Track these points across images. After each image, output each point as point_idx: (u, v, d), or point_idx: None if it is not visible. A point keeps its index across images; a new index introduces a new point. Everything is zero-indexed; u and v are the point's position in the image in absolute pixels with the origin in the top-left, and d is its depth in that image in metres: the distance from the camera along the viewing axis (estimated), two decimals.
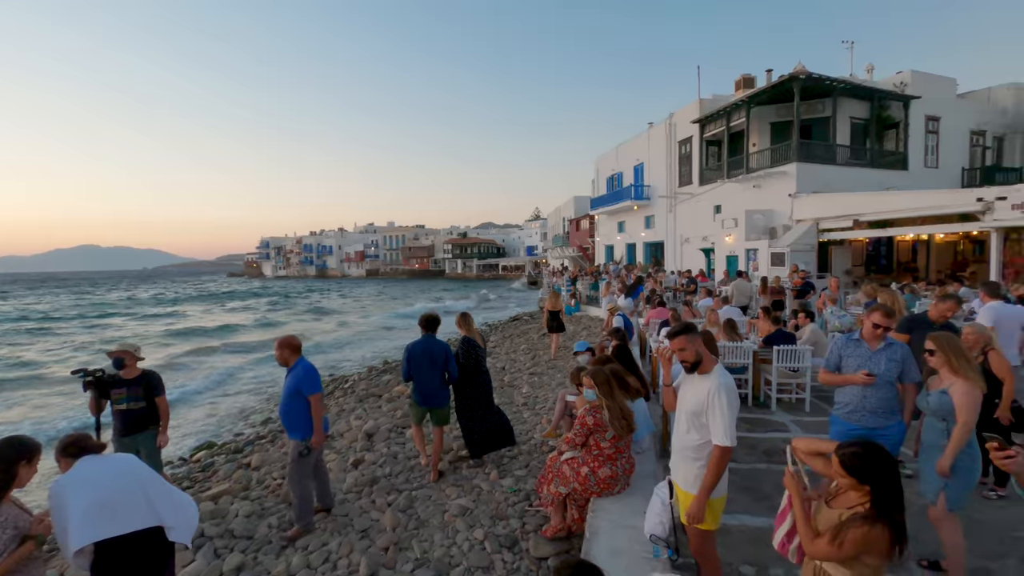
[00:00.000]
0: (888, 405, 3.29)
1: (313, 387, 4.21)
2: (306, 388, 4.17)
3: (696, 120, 21.48)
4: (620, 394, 3.73)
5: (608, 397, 3.66)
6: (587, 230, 39.01)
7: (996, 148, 21.73)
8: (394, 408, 8.44)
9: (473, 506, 4.63)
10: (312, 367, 4.31)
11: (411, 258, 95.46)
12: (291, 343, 4.33)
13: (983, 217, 12.39)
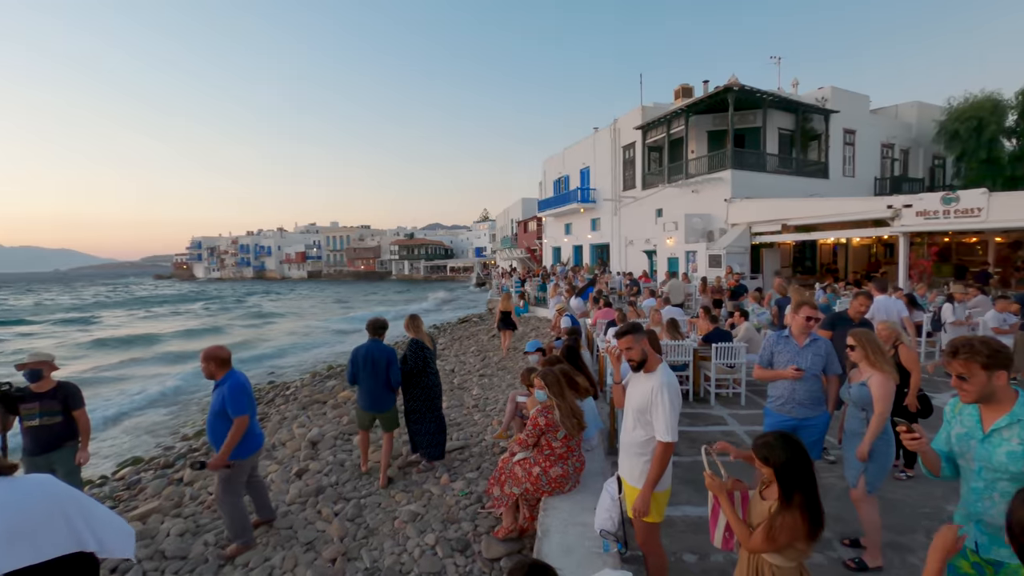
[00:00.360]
0: (814, 397, 3.55)
1: (239, 408, 3.84)
2: (232, 409, 3.82)
3: (639, 126, 22.24)
4: (570, 394, 3.81)
5: (559, 397, 3.73)
6: (535, 232, 39.45)
7: (903, 160, 23.92)
8: (340, 414, 8.19)
9: (424, 511, 4.57)
10: (241, 383, 3.93)
11: (356, 259, 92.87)
12: (218, 355, 3.97)
13: (892, 223, 13.59)
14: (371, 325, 5.34)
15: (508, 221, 51.42)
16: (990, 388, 1.96)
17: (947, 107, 21.79)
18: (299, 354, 19.72)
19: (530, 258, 39.28)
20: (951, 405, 2.22)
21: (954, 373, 2.03)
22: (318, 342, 22.82)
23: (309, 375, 13.87)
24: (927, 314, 9.74)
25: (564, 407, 3.69)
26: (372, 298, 50.41)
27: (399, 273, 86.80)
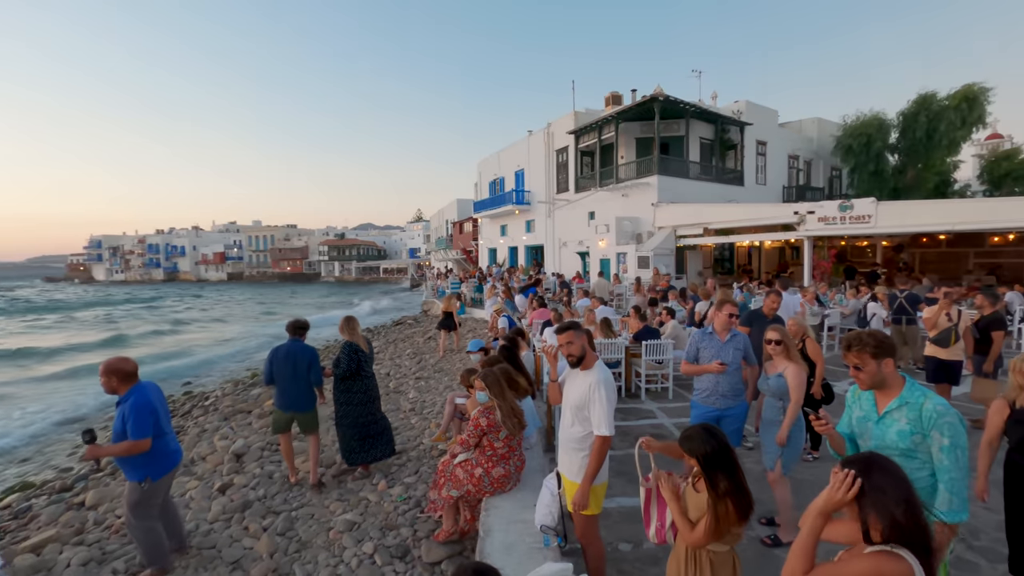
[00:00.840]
0: (736, 388, 3.83)
1: (141, 429, 3.44)
2: (134, 430, 3.42)
3: (571, 131, 22.83)
4: (511, 393, 3.85)
5: (499, 397, 3.75)
6: (470, 233, 39.35)
7: (807, 170, 26.26)
8: (267, 424, 7.75)
9: (361, 519, 4.44)
10: (146, 402, 3.52)
11: (281, 260, 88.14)
12: (120, 368, 3.55)
13: (798, 227, 14.88)
14: (291, 325, 5.28)
15: (443, 222, 50.94)
16: (881, 375, 2.22)
17: (842, 123, 24.21)
18: (219, 362, 18.43)
19: (466, 259, 39.13)
20: (852, 392, 2.48)
21: (850, 364, 2.29)
22: (240, 348, 21.41)
23: (231, 383, 13.02)
24: (830, 310, 10.76)
25: (504, 407, 3.73)
26: (300, 301, 48.06)
27: (329, 275, 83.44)
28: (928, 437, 2.08)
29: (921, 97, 22.24)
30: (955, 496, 2.01)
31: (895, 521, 1.45)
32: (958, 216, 13.05)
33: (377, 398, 5.53)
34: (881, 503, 1.48)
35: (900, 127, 23.02)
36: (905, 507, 1.47)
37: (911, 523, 1.46)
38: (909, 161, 23.36)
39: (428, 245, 65.35)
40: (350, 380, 5.21)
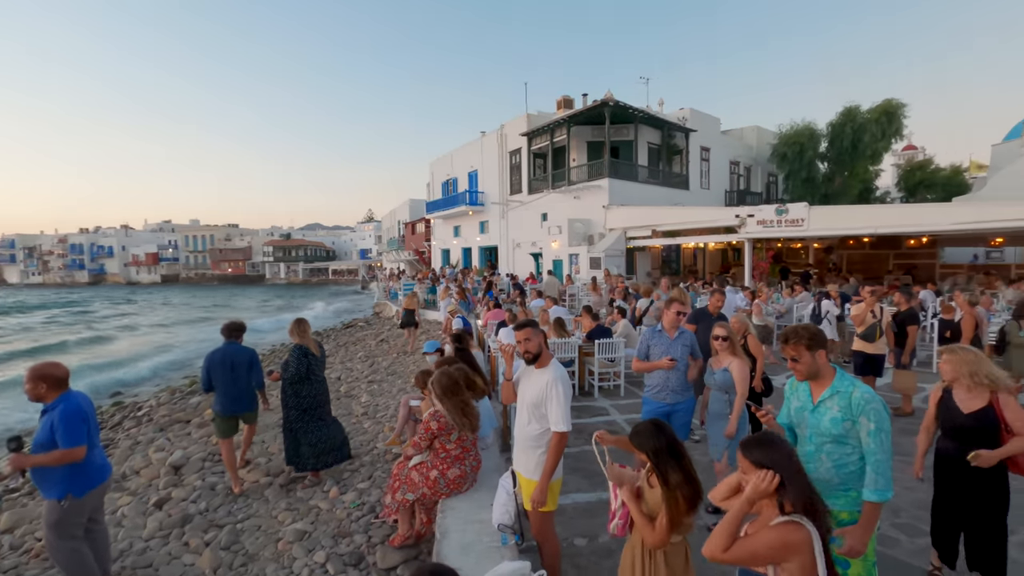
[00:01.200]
0: (684, 384, 3.99)
1: (73, 437, 3.15)
2: (64, 439, 3.13)
3: (524, 133, 23.02)
4: (466, 394, 3.82)
5: (447, 399, 3.70)
6: (423, 233, 38.89)
7: (746, 176, 27.67)
8: (208, 433, 7.36)
9: (312, 528, 4.30)
10: (76, 408, 3.24)
11: (222, 261, 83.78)
12: (51, 374, 3.27)
13: (739, 230, 15.64)
14: (226, 328, 5.19)
15: (395, 222, 50.07)
16: (815, 366, 2.38)
17: (778, 132, 25.71)
18: (153, 370, 17.29)
19: (419, 260, 38.64)
20: (789, 384, 2.64)
21: (788, 356, 2.44)
22: (178, 354, 20.18)
23: (167, 392, 12.25)
24: (769, 308, 11.38)
25: (453, 408, 3.68)
26: (242, 304, 45.84)
27: (274, 276, 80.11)
28: (857, 423, 2.25)
29: (847, 110, 23.96)
30: (881, 476, 2.18)
31: (809, 498, 1.71)
32: (879, 220, 14.14)
33: (327, 402, 5.38)
34: (796, 485, 1.73)
35: (829, 137, 24.70)
36: (807, 483, 1.75)
37: (814, 498, 1.72)
38: (837, 169, 25.10)
39: (380, 246, 64.04)
40: (299, 384, 5.04)
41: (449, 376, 3.77)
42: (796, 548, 1.65)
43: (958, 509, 2.99)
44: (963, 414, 2.87)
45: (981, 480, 2.83)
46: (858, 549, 2.21)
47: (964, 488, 2.92)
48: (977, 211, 12.69)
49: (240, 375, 5.06)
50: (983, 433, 2.80)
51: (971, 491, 2.89)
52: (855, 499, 2.29)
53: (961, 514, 2.97)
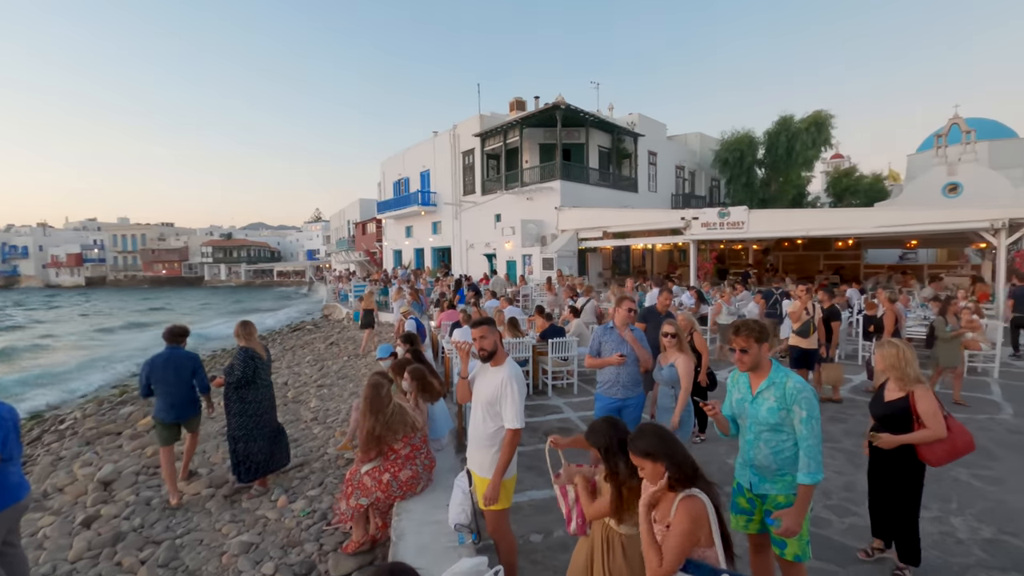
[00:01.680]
0: (634, 379, 4.12)
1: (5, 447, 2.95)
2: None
3: (477, 134, 23.01)
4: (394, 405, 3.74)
5: (371, 413, 3.62)
6: (374, 234, 38.08)
7: (691, 180, 28.83)
8: (142, 445, 6.90)
9: (259, 539, 4.13)
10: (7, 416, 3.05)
11: (155, 262, 78.60)
12: None
13: (685, 232, 16.28)
14: (169, 332, 5.03)
15: (344, 222, 48.75)
16: (759, 358, 2.54)
17: (720, 139, 26.95)
18: (75, 380, 15.98)
19: (370, 261, 37.80)
20: (731, 377, 2.79)
21: (737, 347, 2.58)
22: (105, 363, 18.77)
23: (93, 403, 11.38)
24: (712, 306, 11.90)
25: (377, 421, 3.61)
26: (181, 307, 43.17)
27: (214, 278, 75.99)
28: (791, 412, 2.41)
29: (782, 119, 25.43)
30: (812, 460, 2.35)
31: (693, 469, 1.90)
32: (811, 223, 15.11)
33: (274, 408, 5.20)
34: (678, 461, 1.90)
35: (766, 144, 26.14)
36: (688, 456, 1.93)
37: (697, 470, 1.92)
38: (773, 174, 26.60)
39: (328, 246, 62.14)
40: (245, 389, 4.83)
41: (375, 389, 3.68)
42: (702, 519, 1.80)
43: (877, 488, 3.27)
44: (884, 403, 3.15)
45: (895, 462, 3.10)
46: (793, 529, 2.37)
47: (880, 468, 3.22)
48: (894, 216, 13.81)
49: (183, 379, 4.93)
50: (895, 420, 3.08)
51: (887, 471, 3.18)
52: (790, 483, 2.45)
53: (880, 492, 3.25)
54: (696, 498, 1.85)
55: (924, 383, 3.06)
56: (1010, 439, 5.44)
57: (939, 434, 2.93)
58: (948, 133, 19.07)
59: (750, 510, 2.63)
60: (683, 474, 1.88)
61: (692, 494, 1.85)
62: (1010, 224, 11.04)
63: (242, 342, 4.88)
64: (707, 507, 1.84)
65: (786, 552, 2.47)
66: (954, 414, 5.83)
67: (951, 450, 2.96)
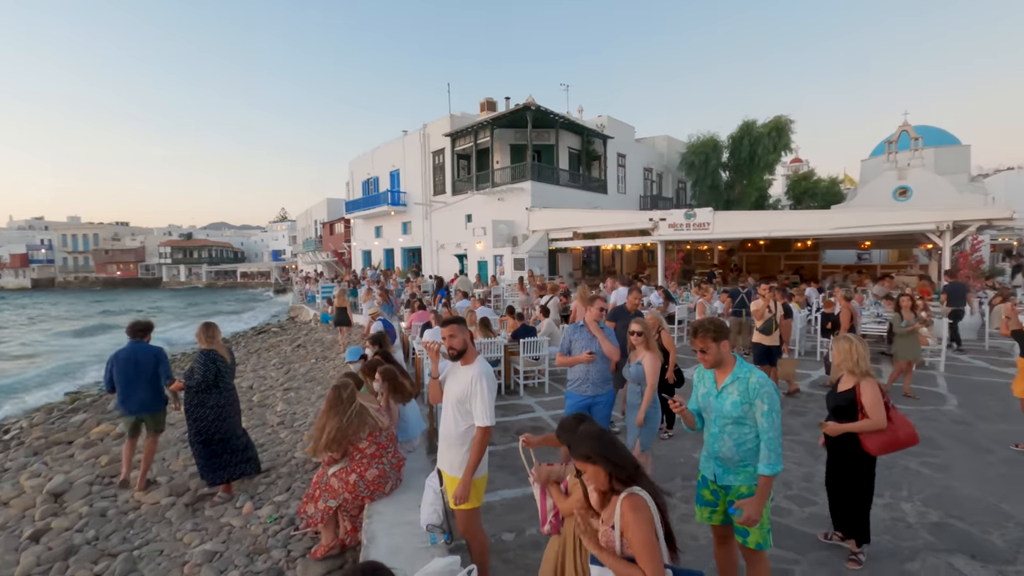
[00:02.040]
0: (604, 377, 4.18)
1: None
2: None
3: (448, 134, 22.89)
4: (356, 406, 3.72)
5: (331, 416, 3.60)
6: (342, 234, 37.40)
7: (659, 182, 29.42)
8: (96, 453, 6.59)
9: (223, 548, 4.00)
10: None
11: (109, 263, 75.04)
12: None
13: (653, 232, 16.61)
14: (131, 327, 5.12)
15: (311, 222, 47.71)
16: (720, 355, 2.62)
17: (687, 142, 27.60)
18: (20, 387, 15.13)
19: (338, 262, 37.10)
20: (697, 373, 2.87)
21: (697, 348, 2.66)
22: (53, 369, 17.80)
23: (41, 411, 10.78)
24: (679, 305, 12.18)
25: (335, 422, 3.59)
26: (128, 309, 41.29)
27: (173, 279, 73.10)
28: (753, 405, 2.50)
29: (745, 124, 26.23)
30: (772, 452, 2.44)
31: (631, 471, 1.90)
32: (772, 225, 15.65)
33: (238, 412, 5.06)
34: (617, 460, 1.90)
35: (730, 148, 26.91)
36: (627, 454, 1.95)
37: (638, 468, 1.94)
38: (737, 177, 27.40)
39: (295, 247, 60.68)
40: (206, 393, 4.69)
41: (336, 391, 3.66)
42: (648, 515, 1.82)
43: (832, 477, 3.45)
44: (836, 393, 3.34)
45: (845, 451, 3.30)
46: (754, 518, 2.46)
47: (833, 458, 3.43)
48: (849, 218, 14.45)
49: (145, 373, 4.96)
50: (844, 411, 3.28)
51: (839, 461, 3.37)
52: (752, 474, 2.54)
53: (834, 481, 3.44)
54: (637, 495, 1.86)
55: (872, 376, 3.23)
56: (955, 429, 5.76)
57: (878, 425, 3.12)
58: (898, 140, 20.08)
59: (714, 501, 2.71)
60: (624, 474, 1.89)
61: (632, 492, 1.87)
62: (954, 226, 11.70)
63: (204, 344, 4.73)
64: (649, 504, 1.85)
65: (748, 541, 2.56)
66: (903, 406, 6.14)
67: (891, 441, 3.14)
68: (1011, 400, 5.66)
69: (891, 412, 3.17)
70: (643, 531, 1.79)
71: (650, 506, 1.84)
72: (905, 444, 3.16)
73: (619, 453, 1.93)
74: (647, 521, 1.81)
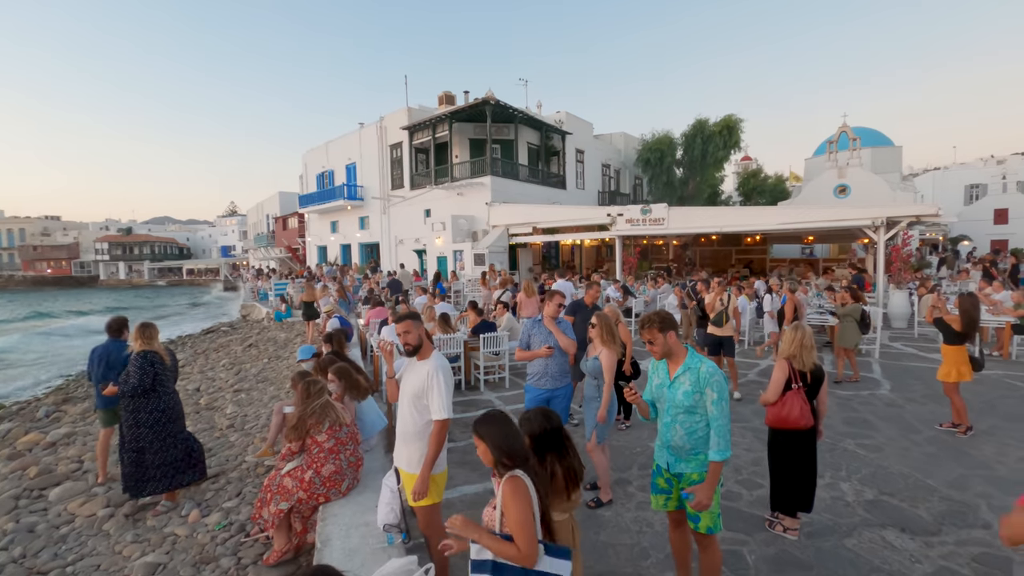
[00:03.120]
0: (562, 370, 4.22)
1: None
2: None
3: (405, 127, 22.48)
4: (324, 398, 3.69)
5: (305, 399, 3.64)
6: (296, 229, 36.20)
7: (616, 178, 29.94)
8: (23, 465, 6.12)
9: (167, 559, 3.80)
10: None
11: (38, 260, 69.81)
12: None
13: (611, 228, 16.89)
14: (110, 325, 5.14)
15: (263, 216, 45.92)
16: (667, 346, 2.69)
17: (643, 139, 28.19)
18: None
19: (291, 258, 35.90)
20: (652, 364, 2.93)
21: (645, 340, 2.73)
22: None
23: None
24: (637, 299, 12.46)
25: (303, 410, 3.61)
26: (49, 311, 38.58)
27: (111, 277, 68.73)
28: (703, 394, 2.58)
29: (697, 122, 27.02)
30: (721, 439, 2.53)
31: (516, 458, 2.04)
32: (724, 220, 16.22)
33: (180, 417, 4.73)
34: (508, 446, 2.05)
35: (684, 146, 27.68)
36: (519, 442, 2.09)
37: (528, 455, 2.10)
38: (691, 174, 28.22)
39: (245, 242, 58.26)
40: (142, 398, 4.38)
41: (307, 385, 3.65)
42: (526, 497, 1.94)
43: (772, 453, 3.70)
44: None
45: (785, 433, 3.56)
46: (704, 503, 2.54)
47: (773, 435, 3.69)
48: (794, 214, 15.14)
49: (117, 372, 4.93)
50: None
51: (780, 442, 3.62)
52: (703, 461, 2.62)
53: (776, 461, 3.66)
54: (517, 477, 1.97)
55: (786, 360, 3.55)
56: (888, 412, 6.16)
57: (768, 398, 3.55)
58: (838, 140, 21.20)
59: (668, 489, 2.78)
60: (507, 459, 2.02)
61: (514, 475, 1.98)
62: (887, 222, 12.45)
63: (141, 345, 4.43)
64: (529, 488, 1.96)
65: (700, 526, 2.64)
66: (844, 391, 6.50)
67: (778, 417, 3.51)
68: (936, 384, 6.08)
69: (790, 394, 3.48)
70: (519, 510, 1.90)
71: (530, 489, 1.95)
72: (794, 424, 3.47)
73: (506, 440, 2.05)
74: (524, 501, 1.92)
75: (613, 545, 3.50)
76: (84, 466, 5.96)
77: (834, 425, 5.68)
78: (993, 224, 31.05)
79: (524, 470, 2.02)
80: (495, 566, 1.93)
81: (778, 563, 3.26)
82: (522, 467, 2.03)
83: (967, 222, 30.82)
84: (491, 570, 1.93)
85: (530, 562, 1.90)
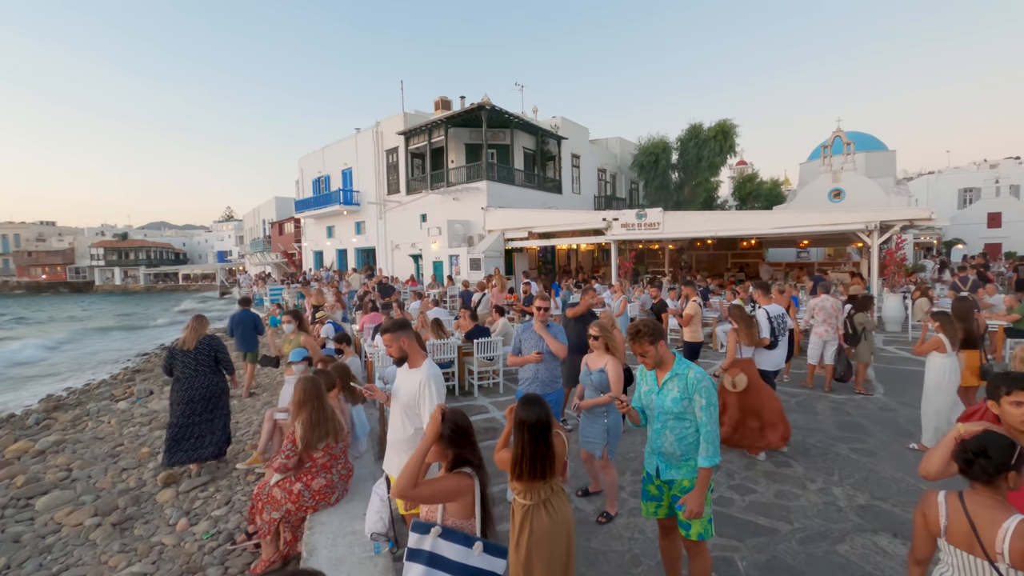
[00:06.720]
0: (553, 375, 4.20)
1: None
2: None
3: (401, 132, 22.50)
4: (324, 400, 3.62)
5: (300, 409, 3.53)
6: (292, 234, 36.14)
7: (612, 182, 30.01)
8: (11, 474, 6.05)
9: (153, 569, 3.76)
10: None
11: (33, 266, 69.47)
12: None
13: (607, 232, 16.91)
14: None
15: (259, 222, 45.83)
16: (659, 356, 2.67)
17: (638, 144, 28.28)
18: None
19: (288, 263, 35.82)
20: (640, 371, 2.91)
21: (637, 353, 2.70)
22: None
23: None
24: (632, 303, 12.44)
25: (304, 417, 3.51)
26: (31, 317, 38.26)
27: (107, 283, 68.37)
28: (692, 400, 2.56)
29: (692, 127, 27.14)
30: (710, 445, 2.51)
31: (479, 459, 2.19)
32: (719, 225, 16.25)
33: (199, 400, 5.20)
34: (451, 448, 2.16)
35: (679, 150, 27.79)
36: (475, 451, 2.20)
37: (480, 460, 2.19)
38: (686, 178, 28.33)
39: (242, 247, 58.13)
40: (174, 383, 5.19)
41: (312, 383, 3.56)
42: (463, 491, 2.09)
43: None
44: None
45: None
46: (696, 511, 2.52)
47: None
48: (789, 219, 15.18)
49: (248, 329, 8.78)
50: None
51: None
52: (694, 468, 2.60)
53: None
54: (463, 474, 2.13)
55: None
56: (881, 416, 6.15)
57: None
58: (832, 144, 21.30)
59: (659, 496, 2.76)
60: (458, 459, 2.16)
61: (460, 471, 2.13)
62: (881, 226, 12.50)
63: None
64: (474, 484, 2.11)
65: (690, 533, 2.61)
66: (838, 395, 6.48)
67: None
68: None
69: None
70: (444, 483, 2.10)
71: (475, 487, 2.12)
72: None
73: (460, 444, 2.16)
74: (453, 484, 2.09)
75: (604, 552, 3.46)
76: (72, 475, 5.89)
77: (827, 429, 5.67)
78: (986, 228, 31.24)
79: (477, 474, 2.16)
80: (431, 557, 2.04)
81: (769, 569, 3.23)
82: (476, 470, 2.17)
83: (960, 226, 31.01)
84: (427, 561, 2.03)
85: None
